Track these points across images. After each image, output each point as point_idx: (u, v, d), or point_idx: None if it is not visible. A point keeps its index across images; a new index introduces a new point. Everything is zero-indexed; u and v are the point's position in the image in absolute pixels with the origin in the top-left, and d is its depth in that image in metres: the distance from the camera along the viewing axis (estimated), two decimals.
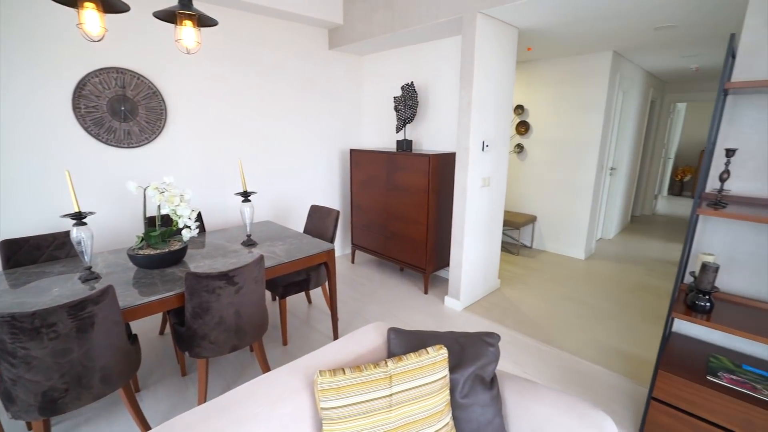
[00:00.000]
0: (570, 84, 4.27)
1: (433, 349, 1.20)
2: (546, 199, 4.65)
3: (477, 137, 2.88)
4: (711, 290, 1.63)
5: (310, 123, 3.86)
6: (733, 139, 1.75)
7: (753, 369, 1.71)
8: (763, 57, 1.65)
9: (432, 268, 3.44)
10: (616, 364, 2.45)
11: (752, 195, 1.73)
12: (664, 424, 1.76)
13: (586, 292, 3.52)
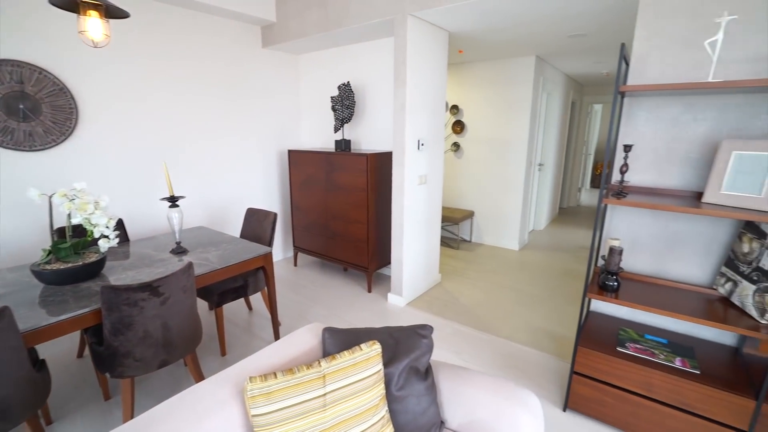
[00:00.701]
0: (499, 85, 4.53)
1: (366, 346, 1.22)
2: (482, 194, 4.89)
3: (412, 136, 2.95)
4: (618, 271, 1.82)
5: (245, 123, 3.71)
6: (630, 136, 1.97)
7: (653, 338, 1.94)
8: (651, 64, 1.87)
9: (375, 266, 3.47)
10: (546, 344, 2.65)
11: (647, 185, 1.95)
12: (585, 394, 1.94)
13: (520, 281, 3.75)
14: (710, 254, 1.86)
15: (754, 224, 1.66)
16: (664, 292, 1.87)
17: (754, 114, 1.68)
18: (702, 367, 1.72)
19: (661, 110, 1.88)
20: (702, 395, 1.63)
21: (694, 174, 1.84)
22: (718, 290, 1.81)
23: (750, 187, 1.52)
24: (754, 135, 1.69)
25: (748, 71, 1.67)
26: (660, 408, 1.74)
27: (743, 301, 1.64)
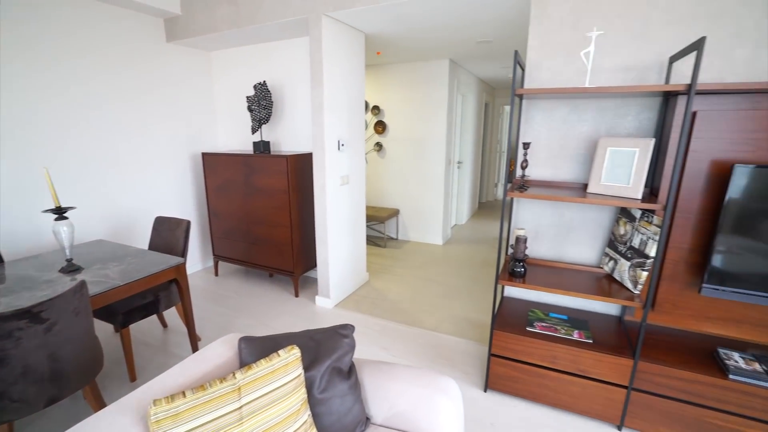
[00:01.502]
0: (417, 87, 4.70)
1: (284, 351, 1.18)
2: (406, 192, 5.05)
3: (332, 137, 2.94)
4: (524, 258, 1.99)
5: (152, 125, 3.39)
6: (529, 135, 2.17)
7: (557, 315, 2.16)
8: (542, 70, 2.08)
9: (301, 270, 3.40)
10: (469, 331, 2.82)
11: (545, 179, 2.17)
12: (502, 373, 2.10)
13: (445, 274, 3.94)
14: (597, 238, 2.13)
15: (627, 209, 1.93)
16: (563, 274, 2.09)
17: (623, 115, 1.96)
18: (594, 337, 1.96)
19: (553, 112, 2.10)
20: (594, 361, 1.86)
21: (581, 168, 2.09)
22: (604, 268, 2.07)
23: (622, 178, 1.76)
24: (623, 133, 1.96)
25: (617, 79, 1.94)
26: (563, 376, 1.95)
27: (622, 276, 1.90)
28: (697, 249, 1.78)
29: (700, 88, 1.50)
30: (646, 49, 1.87)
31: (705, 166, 1.70)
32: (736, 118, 1.62)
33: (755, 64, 1.72)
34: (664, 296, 1.88)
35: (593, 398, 1.91)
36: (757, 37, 1.70)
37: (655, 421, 1.82)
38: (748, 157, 1.64)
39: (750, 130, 1.62)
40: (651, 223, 1.74)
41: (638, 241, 1.80)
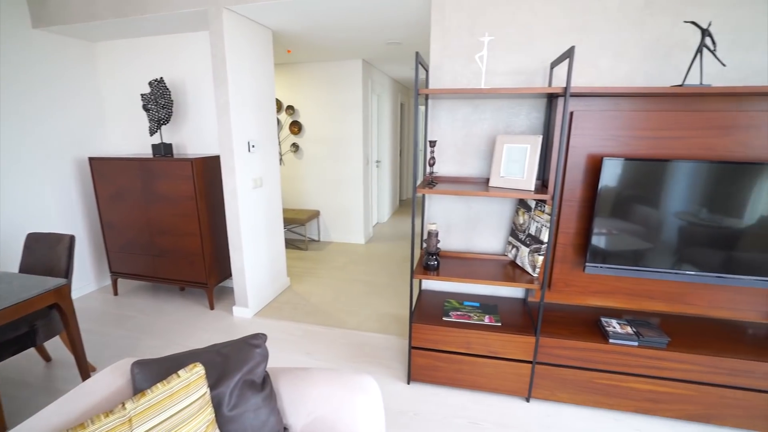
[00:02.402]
0: (332, 86, 4.67)
1: (185, 371, 1.08)
2: (326, 193, 4.99)
3: (241, 137, 2.79)
4: (436, 251, 2.08)
5: (21, 126, 2.88)
6: (436, 133, 2.27)
7: (470, 303, 2.30)
8: (445, 72, 2.19)
9: (215, 280, 3.17)
10: (392, 327, 2.87)
11: (453, 175, 2.30)
12: (423, 364, 2.17)
13: (367, 272, 3.97)
14: (501, 228, 2.30)
15: (524, 200, 2.12)
16: (473, 264, 2.23)
17: (516, 114, 2.15)
18: (503, 320, 2.12)
19: (457, 111, 2.23)
20: (503, 342, 2.01)
21: (484, 163, 2.24)
22: (508, 256, 2.25)
23: (517, 172, 1.93)
24: (518, 131, 2.15)
25: (509, 81, 2.12)
26: (477, 360, 2.08)
27: (523, 262, 2.09)
28: (580, 233, 2.02)
29: (573, 91, 1.70)
30: (532, 55, 2.07)
31: (583, 160, 1.93)
32: (603, 117, 1.88)
33: (615, 72, 2.00)
34: (558, 277, 2.11)
35: (504, 376, 2.07)
36: (616, 49, 1.98)
37: (556, 389, 2.03)
38: (614, 151, 1.90)
39: (614, 128, 1.88)
40: (543, 212, 1.93)
41: (534, 229, 1.99)
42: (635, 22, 1.94)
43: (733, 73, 1.91)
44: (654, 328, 1.98)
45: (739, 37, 1.87)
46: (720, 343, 1.92)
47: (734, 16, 1.86)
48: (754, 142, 1.81)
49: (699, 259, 1.90)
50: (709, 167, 1.77)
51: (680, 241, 1.88)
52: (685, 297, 2.05)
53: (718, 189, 1.79)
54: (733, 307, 2.02)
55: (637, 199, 1.86)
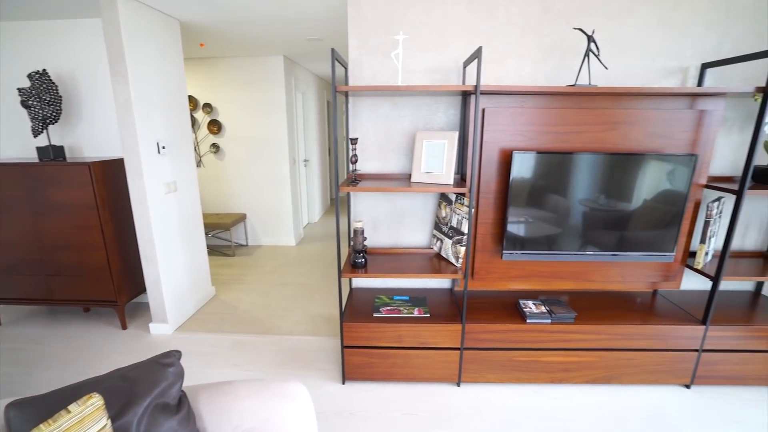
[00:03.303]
0: (253, 84, 4.45)
1: (77, 404, 0.95)
2: (252, 195, 4.76)
3: (148, 138, 2.54)
4: (363, 249, 2.09)
5: None
6: (358, 130, 2.27)
7: (400, 297, 2.34)
8: (364, 69, 2.19)
9: (126, 296, 2.86)
10: (325, 328, 2.83)
11: (376, 172, 2.31)
12: (357, 362, 2.16)
13: (298, 275, 3.87)
14: (426, 222, 2.38)
15: (445, 194, 2.21)
16: (401, 259, 2.27)
17: (435, 111, 2.22)
18: (431, 311, 2.19)
19: (378, 108, 2.24)
20: (433, 332, 2.08)
21: (406, 159, 2.29)
22: (434, 249, 2.33)
23: (437, 167, 2.00)
24: (436, 128, 2.23)
25: (427, 79, 2.18)
26: (409, 352, 2.13)
27: (447, 253, 2.18)
28: (497, 222, 2.16)
29: (483, 89, 1.80)
30: (446, 54, 2.15)
31: (496, 154, 2.06)
32: (511, 114, 2.02)
33: (520, 72, 2.16)
34: (479, 265, 2.23)
35: (436, 365, 2.15)
36: (520, 51, 2.13)
37: (483, 371, 2.15)
38: (523, 145, 2.06)
39: (521, 124, 2.03)
40: (463, 204, 2.02)
41: (456, 221, 2.08)
42: (535, 27, 2.11)
43: (614, 75, 2.16)
44: (564, 305, 2.18)
45: (617, 44, 2.12)
46: (615, 312, 2.18)
47: (612, 26, 2.10)
48: (634, 135, 2.08)
49: (599, 240, 2.13)
50: (603, 158, 1.99)
51: (584, 226, 2.10)
52: (587, 275, 2.29)
53: (612, 177, 2.03)
54: (623, 280, 2.30)
55: (545, 189, 2.04)
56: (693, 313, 2.19)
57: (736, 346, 2.12)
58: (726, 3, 2.07)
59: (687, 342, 2.10)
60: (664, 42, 2.12)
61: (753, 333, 2.10)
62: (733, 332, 2.09)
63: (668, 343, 2.10)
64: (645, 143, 2.08)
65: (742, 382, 2.20)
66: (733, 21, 2.09)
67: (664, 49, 2.13)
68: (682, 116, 2.04)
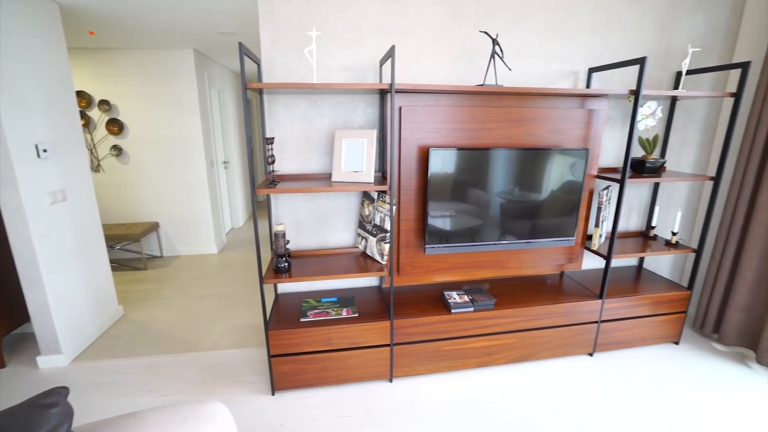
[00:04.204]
0: (160, 79, 4.06)
1: None
2: (165, 201, 4.35)
3: (22, 140, 2.18)
4: (285, 252, 2.01)
5: None
6: (275, 130, 2.18)
7: (328, 299, 2.29)
8: (279, 66, 2.10)
9: (5, 328, 2.43)
10: (251, 339, 2.68)
11: (296, 172, 2.24)
12: (287, 371, 2.08)
13: (221, 284, 3.63)
14: (350, 221, 2.36)
15: (367, 193, 2.21)
16: (327, 260, 2.23)
17: (353, 110, 2.21)
18: (360, 311, 2.18)
19: (295, 107, 2.17)
20: (362, 331, 2.07)
21: (326, 159, 2.25)
22: (359, 247, 2.33)
23: (357, 165, 1.99)
24: (356, 126, 2.22)
25: (344, 77, 2.16)
26: (340, 354, 2.10)
27: (372, 251, 2.18)
28: (419, 218, 2.22)
29: (398, 88, 1.82)
30: (362, 52, 2.15)
31: (414, 151, 2.11)
32: (427, 112, 2.07)
33: (435, 71, 2.23)
34: (405, 261, 2.27)
35: (367, 364, 2.14)
36: (434, 51, 2.20)
37: (413, 364, 2.20)
38: (439, 142, 2.13)
39: (437, 121, 2.10)
40: (385, 202, 2.04)
41: (379, 219, 2.09)
42: (446, 28, 2.19)
43: (519, 76, 2.33)
44: (485, 293, 2.31)
45: (519, 48, 2.29)
46: (530, 295, 2.36)
47: (515, 31, 2.27)
48: (537, 132, 2.26)
49: (514, 229, 2.29)
50: (513, 153, 2.14)
51: (501, 217, 2.23)
52: (504, 262, 2.45)
53: (522, 171, 2.18)
54: (535, 265, 2.51)
55: (463, 184, 2.13)
56: (592, 289, 2.46)
57: (626, 315, 2.42)
58: (604, 16, 2.34)
59: (588, 315, 2.35)
60: (558, 47, 2.34)
61: (638, 302, 2.41)
62: (624, 303, 2.39)
63: (574, 318, 2.33)
64: (547, 139, 2.28)
65: (632, 345, 2.52)
66: (610, 32, 2.38)
67: (558, 54, 2.35)
68: (575, 114, 2.27)
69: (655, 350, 2.55)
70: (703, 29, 2.50)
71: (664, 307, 2.47)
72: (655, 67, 2.50)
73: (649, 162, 2.33)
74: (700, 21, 2.48)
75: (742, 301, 2.44)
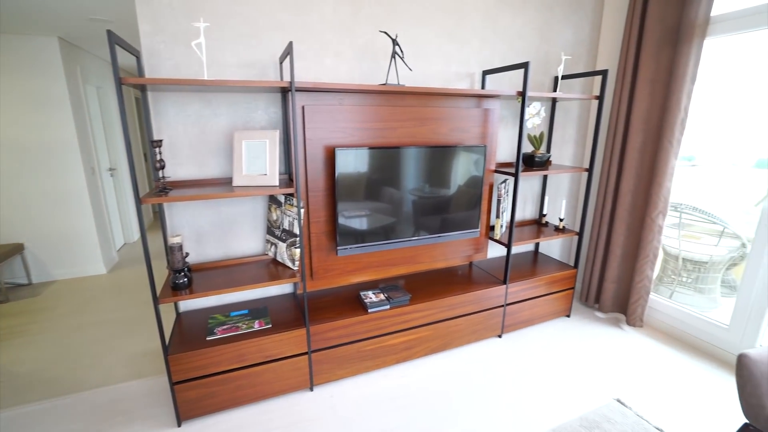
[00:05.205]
0: (16, 71, 3.39)
1: None
2: (31, 218, 3.66)
3: None
4: (183, 267, 1.81)
5: None
6: (165, 131, 1.95)
7: (238, 312, 2.13)
8: (165, 60, 1.88)
9: None
10: (151, 367, 2.38)
11: (192, 177, 2.03)
12: (193, 397, 1.88)
13: (112, 308, 3.18)
14: (257, 227, 2.22)
15: (273, 196, 2.10)
16: (235, 270, 2.07)
17: (254, 109, 2.07)
18: (274, 321, 2.06)
19: (186, 106, 1.96)
20: (276, 342, 1.96)
21: (227, 162, 2.08)
22: (269, 254, 2.20)
23: (260, 168, 1.88)
24: (258, 126, 2.09)
25: (242, 74, 2.01)
26: (255, 370, 1.96)
27: (283, 258, 2.08)
28: (330, 220, 2.17)
29: (299, 86, 1.76)
30: (261, 48, 2.02)
31: (320, 152, 2.06)
32: (331, 111, 2.04)
33: (338, 70, 2.20)
34: (318, 264, 2.21)
35: (286, 375, 2.04)
36: (337, 50, 2.17)
37: (334, 369, 2.15)
38: (344, 142, 2.11)
39: (342, 121, 2.07)
40: (293, 205, 1.95)
41: (288, 223, 2.00)
42: (348, 27, 2.18)
43: (422, 77, 2.41)
44: (400, 290, 2.35)
45: (420, 49, 2.37)
46: (443, 287, 2.47)
47: (415, 33, 2.34)
48: (441, 130, 2.36)
49: (426, 225, 2.36)
50: (418, 151, 2.20)
51: (412, 213, 2.29)
52: (417, 258, 2.53)
53: (429, 168, 2.26)
54: (446, 258, 2.63)
55: (372, 183, 2.14)
56: (498, 276, 2.66)
57: (527, 296, 2.67)
58: (491, 24, 2.54)
59: (495, 301, 2.54)
60: (454, 50, 2.47)
61: (536, 283, 2.67)
62: (524, 286, 2.62)
63: (483, 304, 2.49)
64: (450, 137, 2.40)
65: (533, 323, 2.79)
66: (498, 39, 2.59)
67: (455, 56, 2.48)
68: (473, 114, 2.42)
69: (551, 324, 2.85)
70: (572, 40, 2.85)
71: (557, 286, 2.78)
72: (538, 71, 2.79)
73: (538, 156, 2.58)
74: (569, 33, 2.83)
75: (614, 274, 2.85)
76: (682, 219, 3.09)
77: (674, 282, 3.15)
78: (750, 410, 1.50)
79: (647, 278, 2.67)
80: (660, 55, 2.43)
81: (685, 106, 2.37)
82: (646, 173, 2.62)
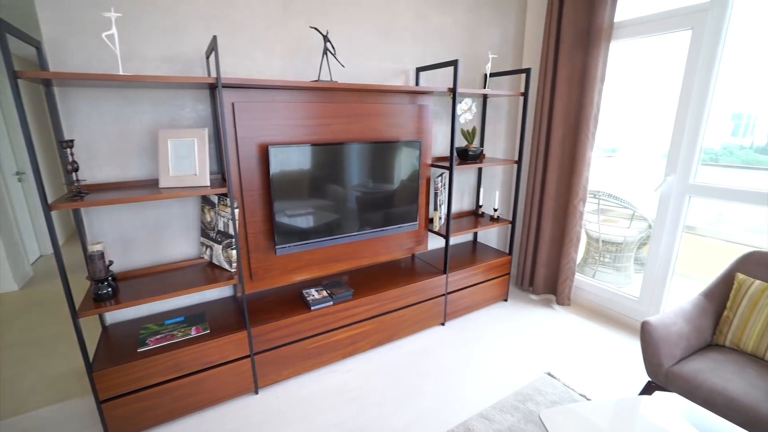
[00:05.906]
0: None
1: None
2: None
3: None
4: (107, 276, 1.69)
5: None
6: (78, 131, 1.79)
7: (173, 320, 2.03)
8: (73, 52, 1.73)
9: None
10: (74, 388, 2.19)
11: (114, 180, 1.89)
12: (126, 415, 1.77)
13: (26, 328, 2.87)
14: (190, 230, 2.12)
15: (206, 197, 2.02)
16: (167, 276, 1.96)
17: (181, 107, 1.97)
18: (212, 326, 1.99)
19: (103, 103, 1.82)
20: (216, 348, 1.90)
21: (152, 163, 1.96)
22: (204, 258, 2.12)
23: (189, 168, 1.79)
24: (185, 125, 1.99)
25: (165, 69, 1.90)
26: (194, 378, 1.88)
27: (219, 260, 2.01)
28: (267, 219, 2.13)
29: (229, 83, 1.70)
30: (184, 42, 1.92)
31: (254, 150, 2.01)
32: (263, 108, 1.99)
33: (271, 66, 2.15)
34: (257, 265, 2.16)
35: (227, 381, 1.98)
36: (268, 45, 2.12)
37: (279, 370, 2.12)
38: (278, 139, 2.07)
39: (274, 118, 2.04)
40: (227, 205, 1.89)
41: (222, 224, 1.94)
42: (279, 22, 2.13)
43: (356, 73, 2.43)
44: (343, 285, 2.37)
45: (354, 46, 2.39)
46: (386, 281, 2.52)
47: (348, 30, 2.35)
48: (377, 126, 2.40)
49: (364, 220, 2.39)
50: (355, 147, 2.22)
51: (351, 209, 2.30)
52: (359, 253, 2.55)
53: (363, 163, 2.29)
54: (388, 251, 2.68)
55: (308, 180, 2.12)
56: (438, 266, 2.76)
57: (467, 284, 2.80)
58: (424, 23, 2.62)
59: (437, 290, 2.64)
60: (389, 47, 2.51)
61: (475, 271, 2.82)
62: (464, 274, 2.75)
63: (425, 294, 2.58)
64: (386, 132, 2.44)
65: (474, 309, 2.94)
66: (430, 38, 2.67)
67: (390, 53, 2.53)
68: (408, 109, 2.48)
69: (491, 309, 3.02)
70: (499, 40, 3.02)
71: (494, 272, 2.94)
72: (469, 69, 2.92)
73: (471, 150, 2.71)
74: (496, 33, 2.99)
75: (545, 258, 3.08)
76: (600, 205, 3.41)
77: (597, 262, 3.47)
78: (651, 369, 1.71)
79: (572, 260, 2.92)
80: (575, 56, 2.66)
81: (597, 102, 2.61)
82: (567, 164, 2.86)
